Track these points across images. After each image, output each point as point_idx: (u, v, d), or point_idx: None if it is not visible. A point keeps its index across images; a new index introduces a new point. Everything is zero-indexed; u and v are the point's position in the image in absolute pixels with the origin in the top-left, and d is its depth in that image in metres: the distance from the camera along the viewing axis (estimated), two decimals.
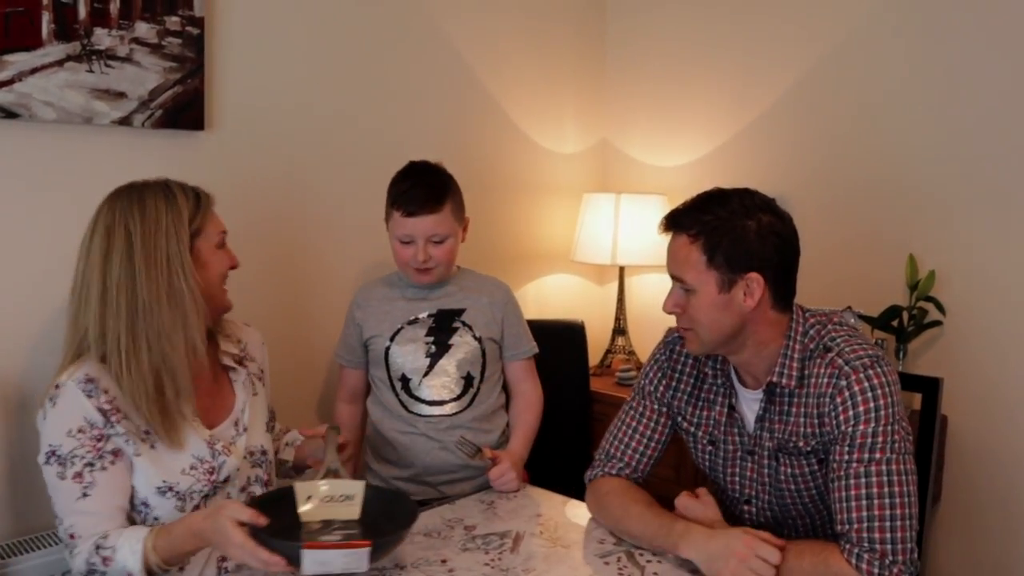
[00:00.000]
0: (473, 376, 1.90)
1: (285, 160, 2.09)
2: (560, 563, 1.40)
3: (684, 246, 1.40)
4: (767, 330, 1.42)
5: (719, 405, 1.52)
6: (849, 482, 1.32)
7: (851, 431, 1.34)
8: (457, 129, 2.48)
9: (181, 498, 1.38)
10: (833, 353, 1.39)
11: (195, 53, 1.86)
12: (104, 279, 1.35)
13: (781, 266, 1.40)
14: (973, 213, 2.16)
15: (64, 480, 1.33)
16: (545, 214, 2.79)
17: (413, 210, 1.80)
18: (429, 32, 2.38)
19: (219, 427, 1.47)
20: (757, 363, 1.45)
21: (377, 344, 1.90)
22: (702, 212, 1.39)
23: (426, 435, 1.86)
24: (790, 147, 2.50)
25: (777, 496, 1.49)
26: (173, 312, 1.36)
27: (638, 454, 1.60)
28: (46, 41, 1.65)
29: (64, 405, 1.34)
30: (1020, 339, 2.10)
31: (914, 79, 2.24)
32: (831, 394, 1.37)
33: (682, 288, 1.42)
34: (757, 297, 1.38)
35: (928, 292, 2.17)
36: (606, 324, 2.83)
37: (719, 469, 1.56)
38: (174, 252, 1.37)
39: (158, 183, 1.42)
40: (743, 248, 1.36)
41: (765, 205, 1.40)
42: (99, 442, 1.34)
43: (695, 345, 1.46)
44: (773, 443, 1.46)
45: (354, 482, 1.38)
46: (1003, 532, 2.15)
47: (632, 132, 2.88)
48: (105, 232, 1.37)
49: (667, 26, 2.75)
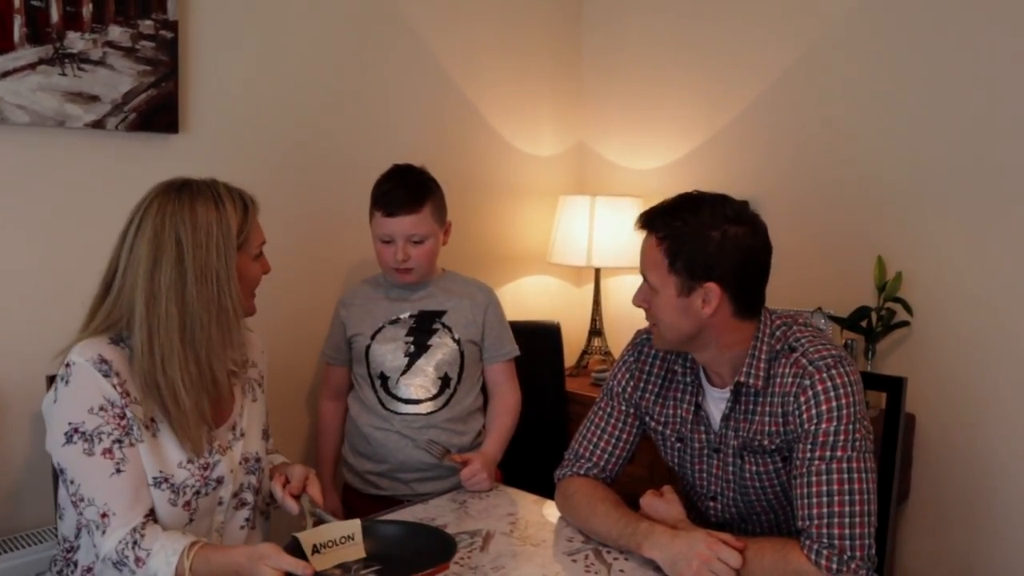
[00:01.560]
0: (450, 377, 1.92)
1: (260, 164, 2.10)
2: (528, 561, 1.42)
3: (652, 247, 1.43)
4: (730, 335, 1.44)
5: (686, 403, 1.55)
6: (811, 479, 1.35)
7: (814, 429, 1.37)
8: (434, 132, 2.50)
9: (175, 491, 1.35)
10: (798, 353, 1.42)
11: (169, 56, 1.86)
12: (152, 284, 1.32)
13: (742, 279, 1.41)
14: (940, 216, 2.19)
15: (93, 457, 1.28)
16: (521, 216, 2.81)
17: (393, 210, 1.84)
18: (405, 35, 2.40)
19: (218, 429, 1.45)
20: (722, 363, 1.47)
21: (359, 342, 1.94)
22: (672, 217, 1.42)
23: (400, 432, 1.89)
24: (762, 151, 2.54)
25: (742, 493, 1.52)
26: (221, 329, 1.36)
27: (607, 454, 1.62)
28: (18, 44, 1.66)
29: (81, 383, 1.30)
30: (985, 338, 2.14)
31: (884, 84, 2.27)
32: (795, 393, 1.40)
33: (648, 286, 1.46)
34: (714, 306, 1.40)
35: (896, 293, 2.21)
36: (582, 325, 2.85)
37: (687, 466, 1.58)
38: (223, 269, 1.35)
39: (207, 186, 1.39)
40: (702, 258, 1.39)
41: (736, 216, 1.41)
42: (122, 420, 1.31)
43: (660, 340, 1.50)
44: (738, 441, 1.48)
45: (349, 522, 1.37)
46: (969, 529, 2.19)
47: (608, 135, 2.91)
48: (153, 235, 1.33)
49: (642, 31, 2.78)
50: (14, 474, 1.73)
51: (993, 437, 2.13)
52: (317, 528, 1.35)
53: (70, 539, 1.41)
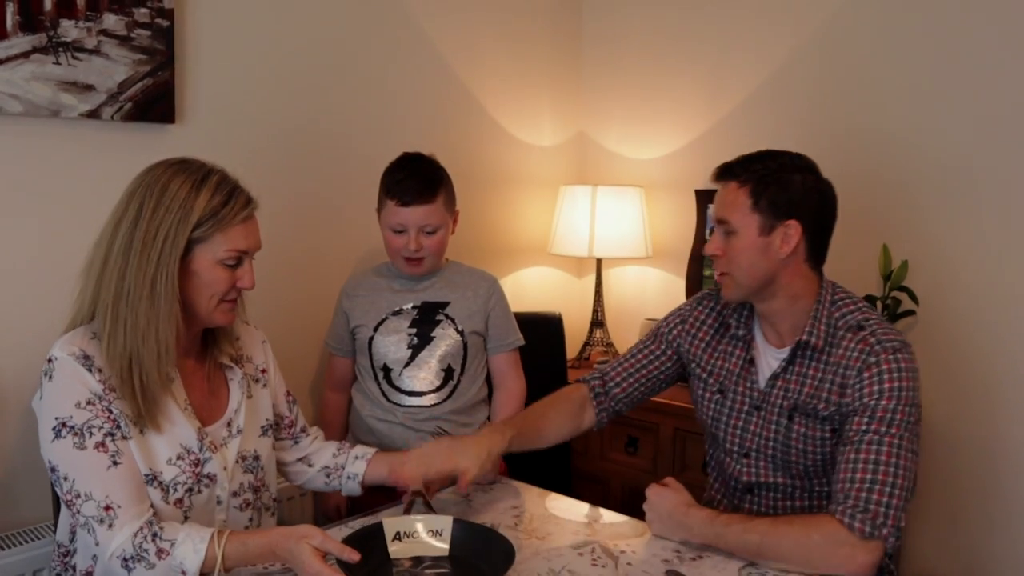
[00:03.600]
0: (454, 369, 1.91)
1: (258, 154, 2.07)
2: (535, 554, 1.40)
3: (732, 191, 1.50)
4: (799, 283, 1.50)
5: (736, 356, 1.60)
6: (861, 446, 1.39)
7: (873, 404, 1.41)
8: (434, 122, 2.47)
9: (165, 489, 1.29)
10: (866, 332, 1.47)
11: (165, 45, 1.83)
12: (110, 244, 1.28)
13: (819, 221, 1.50)
14: (946, 204, 2.17)
15: (85, 450, 1.22)
16: (522, 207, 2.79)
17: (408, 200, 1.82)
18: (405, 25, 2.37)
19: (212, 426, 1.39)
20: (786, 317, 1.52)
21: (362, 333, 1.92)
22: (752, 162, 1.51)
23: (404, 424, 1.88)
24: (765, 140, 2.48)
25: (783, 453, 1.53)
26: (149, 311, 1.27)
27: (625, 373, 1.70)
28: (11, 33, 1.62)
29: (64, 377, 1.25)
30: (991, 327, 2.12)
31: (889, 72, 2.25)
32: (859, 368, 1.44)
33: (724, 232, 1.51)
34: (792, 244, 1.47)
35: (901, 282, 2.19)
36: (584, 316, 2.83)
37: (721, 419, 1.60)
38: (165, 253, 1.27)
39: (201, 171, 1.33)
40: (786, 196, 1.46)
41: (811, 167, 1.51)
42: (110, 414, 1.25)
43: (731, 290, 1.53)
44: (788, 402, 1.51)
45: (442, 517, 1.36)
46: (978, 519, 2.17)
47: (609, 125, 2.89)
48: (127, 195, 1.30)
49: (643, 20, 2.75)
50: (11, 469, 1.71)
51: (999, 425, 2.12)
52: (406, 516, 1.35)
53: (65, 544, 1.36)
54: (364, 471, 1.58)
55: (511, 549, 1.29)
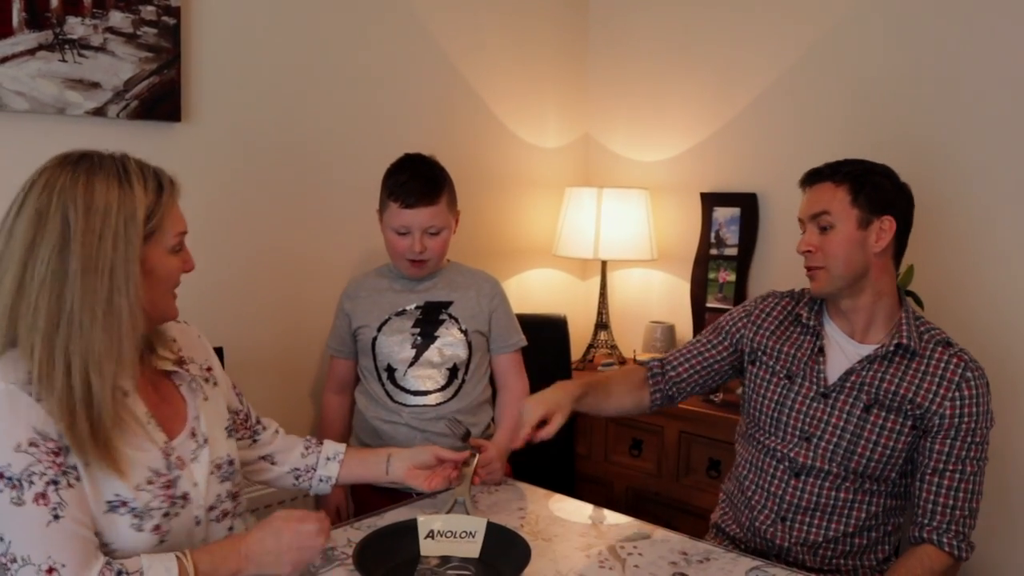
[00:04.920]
0: (458, 368, 1.90)
1: (263, 153, 2.07)
2: (541, 556, 1.39)
3: (829, 189, 1.60)
4: (885, 280, 1.60)
5: (806, 345, 1.66)
6: (965, 475, 1.53)
7: (974, 427, 1.53)
8: (439, 123, 2.47)
9: (137, 515, 1.15)
10: (956, 349, 1.58)
11: (171, 43, 1.83)
12: (23, 271, 1.09)
13: (908, 218, 1.62)
14: (952, 208, 2.17)
15: (22, 506, 1.06)
16: (527, 208, 2.78)
17: (411, 202, 1.81)
18: (411, 25, 2.36)
19: (177, 439, 1.25)
20: (867, 313, 1.60)
21: (365, 334, 1.91)
22: (842, 166, 1.61)
23: (409, 425, 1.86)
24: (769, 143, 2.51)
25: (850, 441, 1.58)
26: (108, 335, 1.11)
27: (683, 357, 1.77)
28: (17, 30, 1.62)
29: (3, 415, 1.07)
30: (997, 332, 2.11)
31: (893, 77, 2.25)
32: (957, 382, 1.54)
33: (818, 228, 1.59)
34: (888, 239, 1.57)
35: (907, 286, 2.18)
36: (588, 318, 2.82)
37: (787, 404, 1.65)
38: (120, 261, 1.12)
39: (114, 160, 1.16)
40: (882, 193, 1.58)
41: (894, 172, 1.63)
42: (57, 456, 1.09)
43: (824, 282, 1.60)
44: (868, 396, 1.58)
45: (477, 519, 1.36)
46: (981, 527, 2.16)
47: (614, 127, 2.88)
48: (35, 213, 1.10)
49: (649, 22, 2.75)
50: None
51: (1006, 431, 2.10)
52: (442, 515, 1.35)
53: None
54: (337, 473, 1.54)
55: (528, 552, 1.29)
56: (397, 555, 1.29)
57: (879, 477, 1.58)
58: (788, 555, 1.62)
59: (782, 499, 1.63)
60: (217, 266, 1.98)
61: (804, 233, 1.63)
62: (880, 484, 1.59)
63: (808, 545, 1.60)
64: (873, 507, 1.60)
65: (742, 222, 2.52)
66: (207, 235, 1.96)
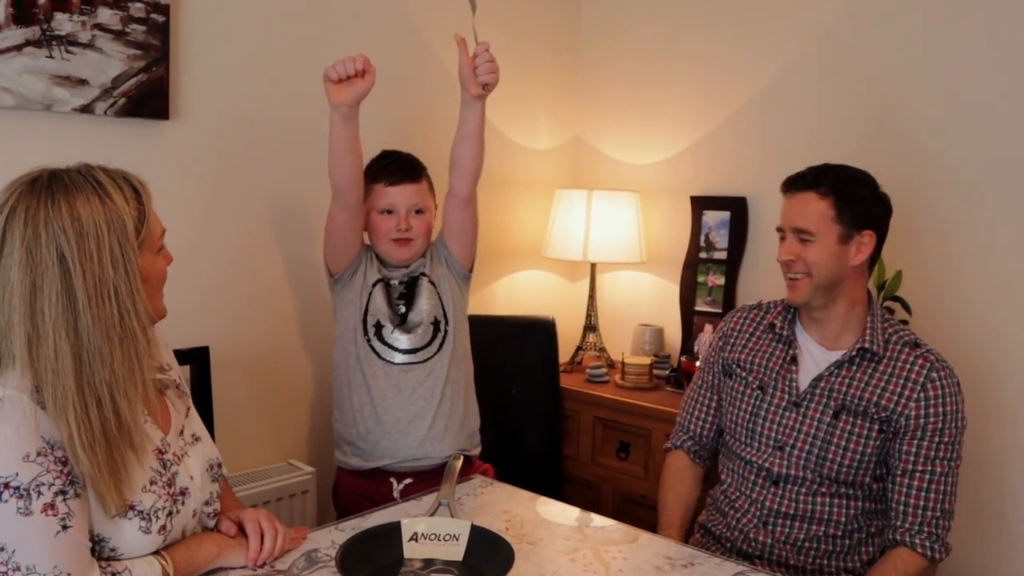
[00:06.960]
0: (439, 320, 1.90)
1: (251, 151, 2.06)
2: (525, 559, 1.38)
3: (813, 200, 1.59)
4: (858, 289, 1.62)
5: (779, 354, 1.68)
6: (935, 475, 1.54)
7: (940, 427, 1.54)
8: (430, 124, 2.46)
9: (145, 518, 1.16)
10: (923, 349, 1.60)
11: (160, 41, 1.82)
12: (33, 317, 1.07)
13: (885, 230, 1.63)
14: (940, 214, 2.18)
15: (30, 516, 1.04)
16: (517, 210, 2.78)
17: (396, 179, 1.86)
18: (401, 25, 2.36)
19: (168, 435, 1.27)
20: (839, 321, 1.62)
21: (356, 281, 1.90)
22: (825, 175, 1.60)
23: (398, 387, 1.85)
24: (759, 147, 2.51)
25: (822, 448, 1.60)
26: (127, 357, 1.11)
27: (701, 421, 1.81)
28: (3, 25, 1.61)
29: (13, 423, 1.06)
30: (984, 338, 2.12)
31: (882, 81, 2.25)
32: (922, 383, 1.55)
33: (799, 238, 1.60)
34: (866, 254, 1.59)
35: (895, 292, 2.19)
36: (577, 321, 2.82)
37: (760, 415, 1.67)
38: (123, 281, 1.10)
39: (83, 175, 1.12)
40: (864, 210, 1.58)
41: (874, 181, 1.63)
42: (65, 466, 1.08)
43: (804, 291, 1.61)
44: (835, 402, 1.59)
45: (461, 522, 1.36)
46: (968, 530, 2.17)
47: (605, 129, 2.88)
48: (26, 255, 1.06)
49: (641, 24, 2.75)
50: None
51: (992, 437, 2.11)
52: (426, 518, 1.36)
53: None
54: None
55: (512, 555, 1.29)
56: (380, 558, 1.29)
57: (853, 482, 1.60)
58: (772, 553, 1.63)
59: (763, 506, 1.65)
60: (204, 264, 1.98)
61: (783, 240, 1.64)
62: (856, 489, 1.61)
63: (792, 544, 1.62)
64: (851, 511, 1.61)
65: (731, 226, 2.53)
66: (194, 233, 1.95)
